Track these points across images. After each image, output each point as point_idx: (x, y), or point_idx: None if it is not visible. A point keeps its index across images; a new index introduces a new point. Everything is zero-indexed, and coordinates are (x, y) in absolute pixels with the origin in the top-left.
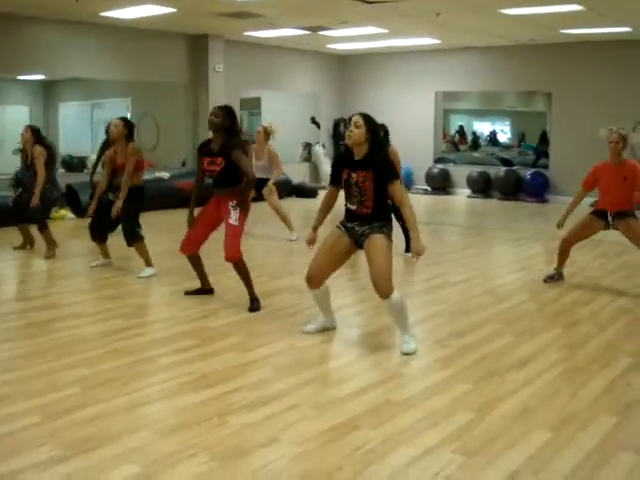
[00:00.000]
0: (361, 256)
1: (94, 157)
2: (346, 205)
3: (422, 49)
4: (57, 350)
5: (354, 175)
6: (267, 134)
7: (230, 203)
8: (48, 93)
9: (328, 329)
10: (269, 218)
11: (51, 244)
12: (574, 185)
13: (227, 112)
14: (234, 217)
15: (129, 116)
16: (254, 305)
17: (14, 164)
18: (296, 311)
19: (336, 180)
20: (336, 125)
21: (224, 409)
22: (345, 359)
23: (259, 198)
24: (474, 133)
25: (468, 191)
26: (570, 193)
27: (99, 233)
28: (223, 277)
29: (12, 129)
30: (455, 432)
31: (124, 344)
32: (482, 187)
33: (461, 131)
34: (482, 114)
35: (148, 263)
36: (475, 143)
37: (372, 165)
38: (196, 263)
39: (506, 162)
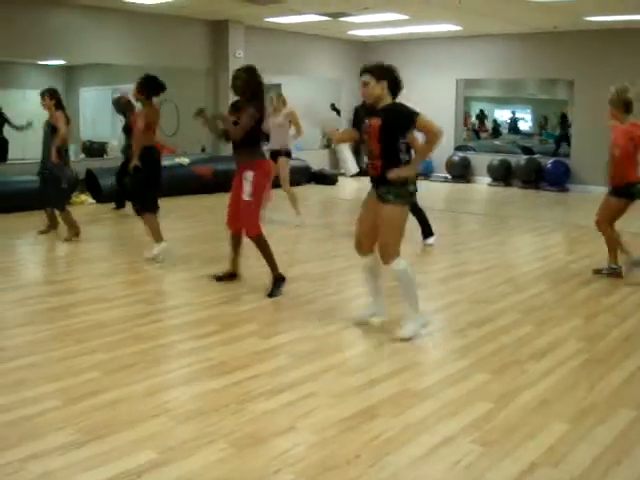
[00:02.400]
0: None
1: (115, 143)
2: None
3: (443, 36)
4: (77, 335)
5: (367, 122)
6: (283, 100)
7: (244, 175)
8: (68, 78)
9: (377, 318)
10: (285, 204)
11: (71, 227)
12: (595, 174)
13: (249, 73)
14: (247, 192)
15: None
16: (276, 286)
17: (36, 149)
18: (314, 299)
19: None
20: (356, 112)
21: (242, 396)
22: (364, 347)
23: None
24: (495, 121)
25: (488, 179)
26: (591, 182)
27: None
28: (243, 263)
29: (32, 113)
30: (474, 422)
31: (144, 329)
32: (503, 175)
33: (481, 116)
34: (503, 102)
35: (158, 239)
36: (496, 131)
37: (383, 113)
38: (236, 243)
39: (527, 150)
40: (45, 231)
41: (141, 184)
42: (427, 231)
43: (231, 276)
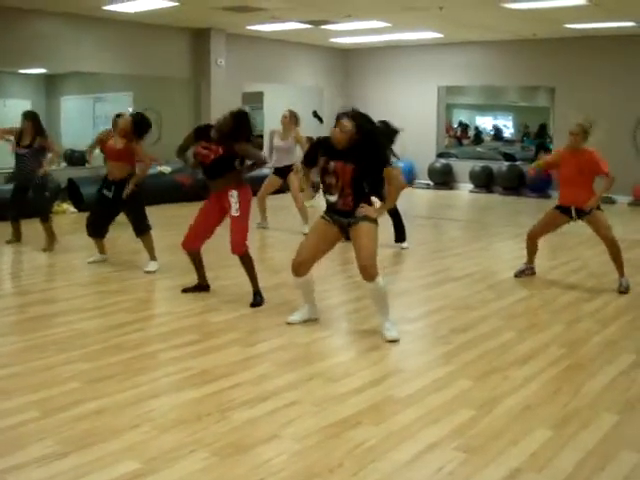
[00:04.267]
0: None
1: (97, 151)
2: (326, 196)
3: (425, 43)
4: (57, 345)
5: (332, 164)
6: (296, 118)
7: (229, 193)
8: (50, 87)
9: (311, 320)
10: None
11: (51, 237)
12: None
13: (238, 120)
14: (235, 208)
15: (130, 110)
16: (256, 299)
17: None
18: (297, 306)
19: (310, 161)
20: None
21: (225, 405)
22: (346, 355)
23: (284, 188)
24: (477, 128)
25: (470, 186)
26: None
27: (98, 229)
28: (225, 272)
29: (13, 123)
30: (457, 429)
31: (125, 339)
32: (484, 182)
33: (462, 125)
34: (485, 109)
35: (153, 257)
36: (478, 138)
37: (354, 159)
38: (195, 259)
39: (509, 157)
40: (11, 241)
41: (138, 210)
42: (401, 236)
43: (201, 288)
